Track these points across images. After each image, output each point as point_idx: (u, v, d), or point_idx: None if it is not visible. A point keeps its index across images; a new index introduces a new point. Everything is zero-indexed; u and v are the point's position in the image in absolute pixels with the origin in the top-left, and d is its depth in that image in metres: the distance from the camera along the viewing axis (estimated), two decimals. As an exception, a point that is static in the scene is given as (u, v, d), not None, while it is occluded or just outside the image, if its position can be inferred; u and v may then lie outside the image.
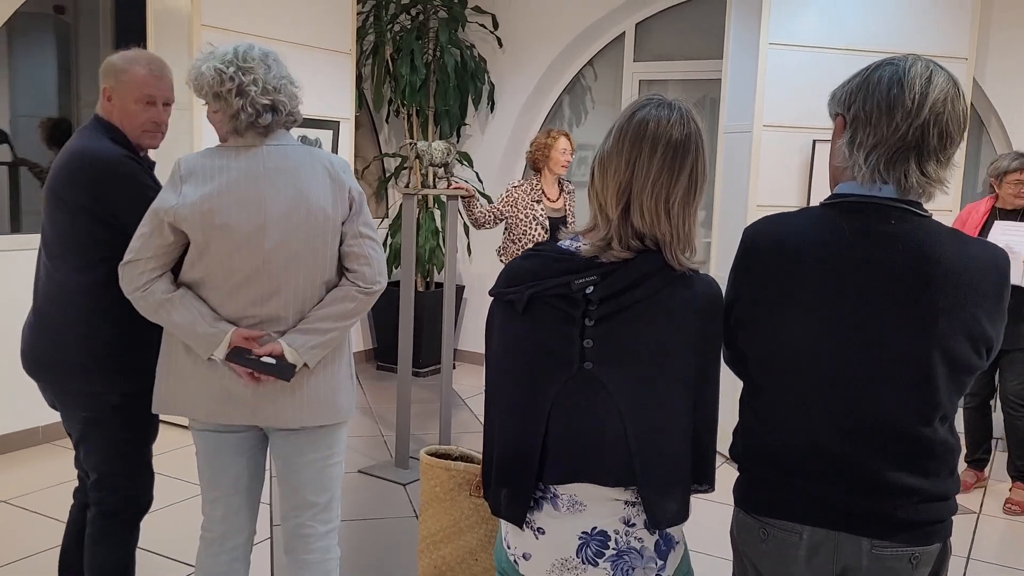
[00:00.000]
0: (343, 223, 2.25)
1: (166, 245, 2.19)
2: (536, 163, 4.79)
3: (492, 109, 6.51)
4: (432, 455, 1.99)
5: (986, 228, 4.35)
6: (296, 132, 5.23)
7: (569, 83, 6.58)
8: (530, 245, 4.66)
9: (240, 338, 2.19)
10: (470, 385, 6.10)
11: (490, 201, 5.68)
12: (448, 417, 4.70)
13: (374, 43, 6.27)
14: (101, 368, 2.38)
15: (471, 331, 6.75)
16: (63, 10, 5.62)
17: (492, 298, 1.72)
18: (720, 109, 4.99)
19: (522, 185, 4.78)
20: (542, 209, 4.71)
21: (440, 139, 6.22)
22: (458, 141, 6.58)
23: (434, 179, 4.56)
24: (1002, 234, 4.25)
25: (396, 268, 6.57)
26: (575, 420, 1.58)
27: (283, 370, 2.19)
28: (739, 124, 4.74)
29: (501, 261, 4.85)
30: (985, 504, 4.30)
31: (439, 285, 6.61)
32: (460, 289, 6.54)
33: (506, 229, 4.79)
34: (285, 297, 2.23)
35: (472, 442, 4.94)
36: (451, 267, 4.66)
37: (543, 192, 4.77)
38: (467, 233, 6.41)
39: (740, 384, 1.73)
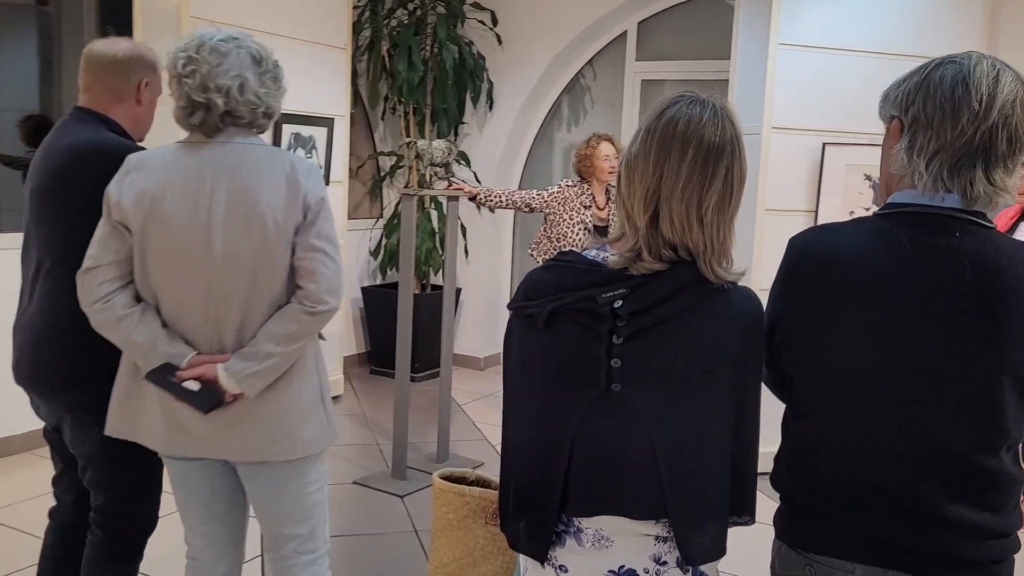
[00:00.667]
0: (296, 233, 1.99)
1: (126, 248, 2.01)
2: (582, 174, 4.69)
3: (491, 108, 6.36)
4: (445, 479, 1.85)
5: (1013, 230, 4.24)
6: (290, 129, 5.16)
7: (570, 82, 6.45)
8: (567, 248, 4.61)
9: (199, 361, 2.00)
10: (467, 391, 5.96)
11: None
12: (446, 424, 4.56)
13: (370, 38, 6.12)
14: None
15: (468, 335, 6.62)
16: (46, 1, 5.45)
17: (510, 312, 1.59)
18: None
19: (574, 186, 4.68)
20: (591, 216, 4.61)
21: (438, 138, 6.08)
22: (455, 140, 6.44)
23: (431, 179, 4.40)
24: None
25: (391, 270, 6.44)
26: (601, 446, 1.45)
27: (203, 399, 1.97)
28: (747, 126, 4.57)
29: (531, 256, 4.74)
30: None
31: (436, 287, 6.47)
32: (457, 292, 6.39)
33: (545, 225, 4.69)
34: (230, 313, 2.01)
35: (471, 450, 4.80)
36: (451, 269, 4.52)
37: (593, 198, 4.67)
38: (464, 235, 6.27)
39: (781, 406, 1.60)
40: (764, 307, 1.52)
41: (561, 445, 1.47)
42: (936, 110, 1.38)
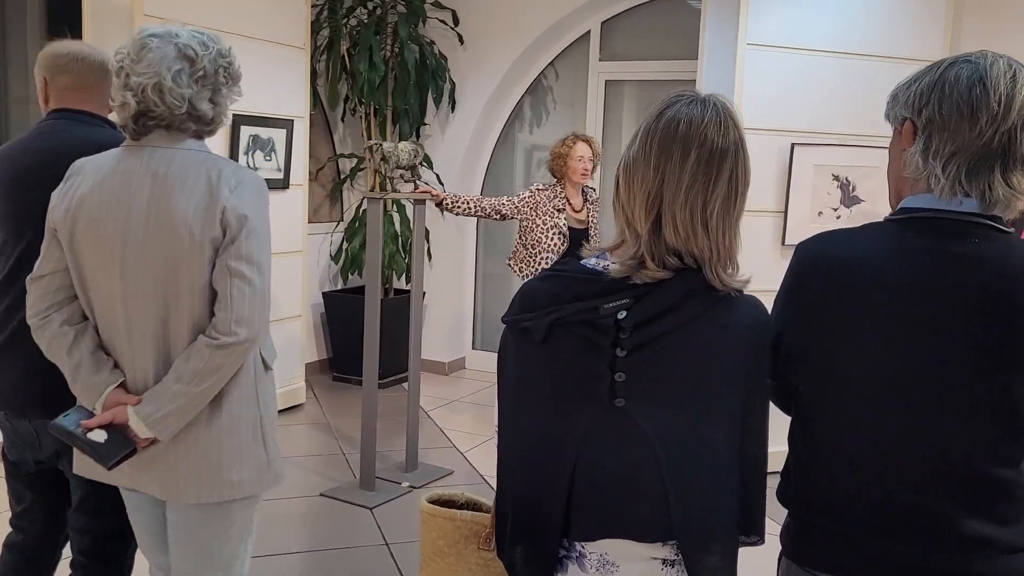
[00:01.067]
0: (217, 251, 1.81)
1: (64, 259, 1.87)
2: (555, 173, 4.58)
3: (453, 109, 6.26)
4: (434, 502, 1.76)
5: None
6: (248, 131, 5.02)
7: (532, 82, 6.37)
8: (544, 255, 4.51)
9: (114, 400, 1.84)
10: (432, 396, 5.86)
11: None
12: (415, 432, 4.46)
13: (329, 38, 5.99)
14: None
15: (432, 339, 6.50)
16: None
17: (505, 324, 1.51)
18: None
19: (546, 190, 4.58)
20: (564, 219, 4.51)
21: (400, 139, 5.97)
22: (418, 141, 6.33)
23: (389, 182, 4.22)
24: None
25: (352, 275, 6.31)
26: (605, 466, 1.38)
27: (109, 451, 1.80)
28: (715, 126, 4.57)
29: (510, 268, 4.65)
30: None
31: (399, 292, 6.35)
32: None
33: (519, 233, 4.59)
34: (149, 337, 1.84)
35: (440, 458, 4.70)
36: (418, 274, 4.42)
37: (567, 200, 4.56)
38: (427, 238, 6.16)
39: (787, 419, 1.55)
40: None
41: (563, 465, 1.40)
42: (953, 111, 1.33)
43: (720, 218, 1.36)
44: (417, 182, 4.28)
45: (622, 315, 1.35)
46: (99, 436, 1.80)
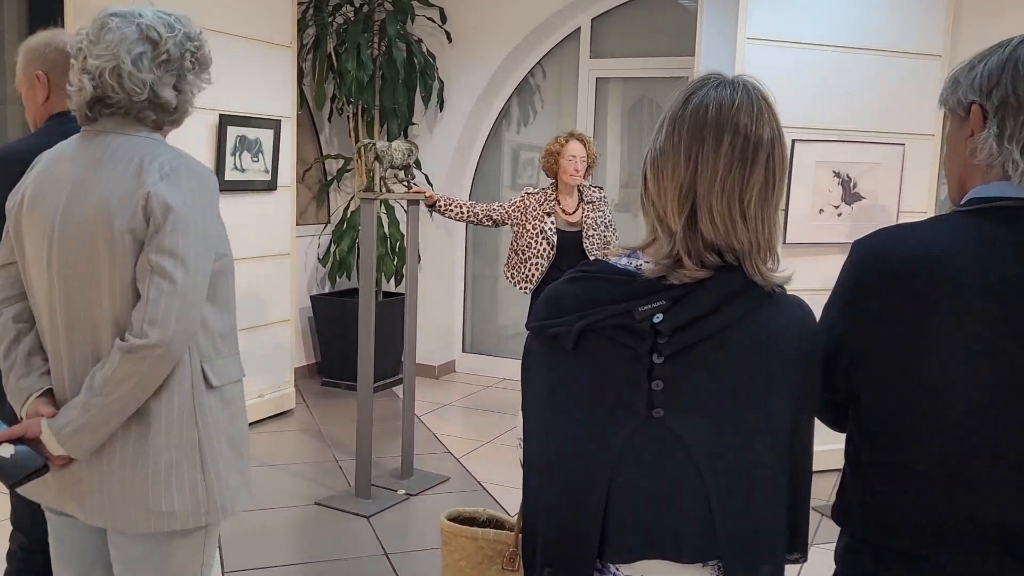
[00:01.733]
0: (143, 244, 1.63)
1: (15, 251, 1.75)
2: (548, 172, 4.46)
3: (441, 108, 6.16)
4: (454, 520, 1.65)
5: None
6: (235, 132, 4.89)
7: (522, 81, 6.28)
8: (534, 261, 4.39)
9: (34, 411, 1.68)
10: (424, 400, 5.74)
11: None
12: (410, 438, 4.35)
13: (315, 36, 5.87)
14: None
15: (422, 342, 6.33)
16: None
17: (530, 331, 1.41)
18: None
19: (536, 193, 4.46)
20: (552, 222, 4.36)
21: (388, 138, 5.86)
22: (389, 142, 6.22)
23: (383, 182, 4.08)
24: None
25: (340, 277, 6.19)
26: (643, 482, 1.28)
27: (13, 470, 1.63)
28: (713, 123, 4.50)
29: (507, 277, 4.48)
30: None
31: (388, 295, 6.24)
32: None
33: (512, 240, 4.47)
34: (76, 338, 1.68)
35: (435, 465, 4.59)
36: (412, 275, 4.31)
37: (557, 203, 4.42)
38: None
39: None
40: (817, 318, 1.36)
41: (597, 482, 1.29)
42: None
43: (759, 207, 1.26)
44: (410, 182, 4.18)
45: (659, 318, 1.26)
46: (6, 451, 1.63)
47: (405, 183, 4.15)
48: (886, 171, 4.52)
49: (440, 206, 4.38)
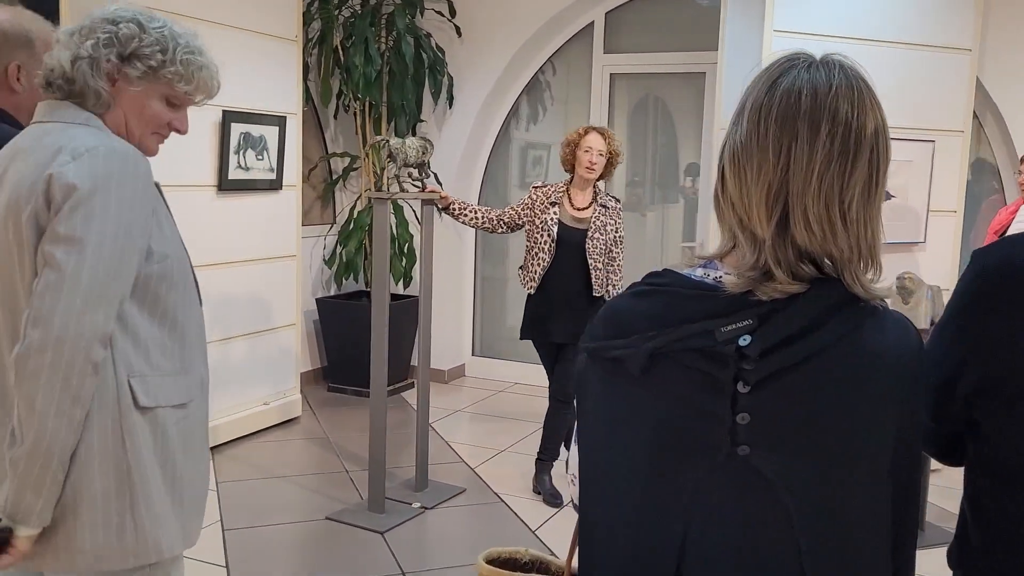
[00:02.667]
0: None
1: None
2: (565, 163, 4.16)
3: (451, 105, 5.98)
4: (493, 562, 1.47)
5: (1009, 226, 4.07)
6: (239, 129, 4.70)
7: (534, 76, 6.10)
8: (539, 257, 4.07)
9: None
10: (433, 407, 5.53)
11: None
12: (425, 447, 4.17)
13: (321, 30, 5.68)
14: None
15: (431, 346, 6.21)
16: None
17: (586, 353, 1.20)
18: (713, 105, 4.60)
19: (545, 186, 4.18)
20: (555, 213, 4.05)
21: (396, 136, 5.67)
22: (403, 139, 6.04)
23: (396, 181, 3.88)
24: (1020, 221, 3.96)
25: (347, 279, 6.01)
26: (724, 533, 1.09)
27: None
28: (739, 119, 4.33)
29: (519, 278, 4.21)
30: None
31: (395, 297, 6.04)
32: (417, 301, 5.99)
33: (525, 239, 4.20)
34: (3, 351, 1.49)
35: (450, 475, 4.41)
36: (427, 276, 4.13)
37: (566, 195, 4.12)
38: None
39: None
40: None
41: (670, 533, 1.10)
42: None
43: (860, 208, 1.07)
44: (425, 181, 4.00)
45: (745, 340, 1.06)
46: None
47: (419, 182, 3.97)
48: (916, 169, 4.36)
49: (455, 209, 4.15)
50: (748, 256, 1.09)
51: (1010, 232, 3.94)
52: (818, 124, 1.05)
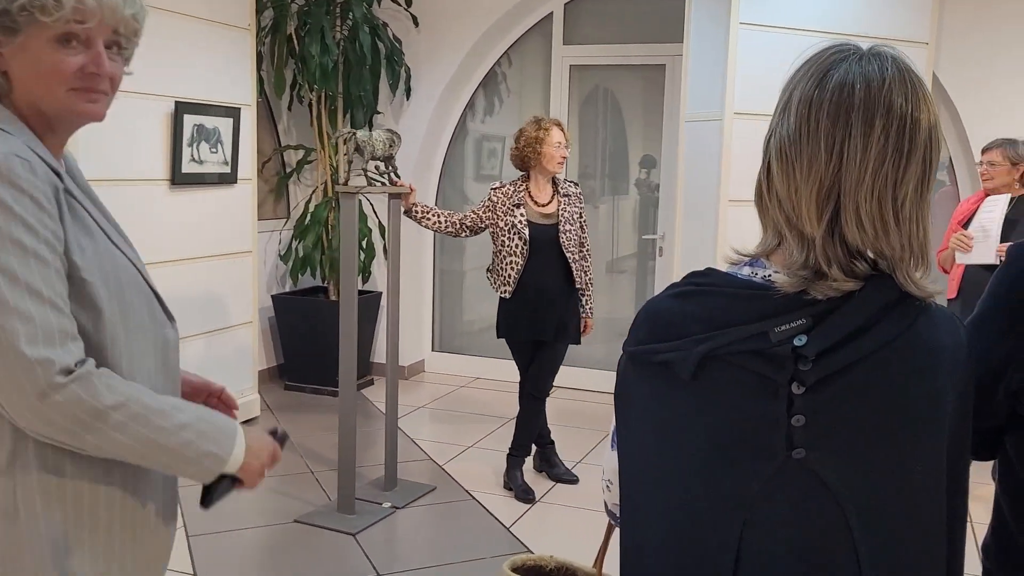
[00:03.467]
0: None
1: None
2: (525, 161, 3.98)
3: (408, 96, 5.88)
4: (518, 571, 1.41)
5: (972, 217, 4.13)
6: (192, 120, 4.55)
7: (492, 67, 6.03)
8: (510, 260, 3.96)
9: None
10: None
11: None
12: (394, 445, 4.09)
13: (274, 19, 5.54)
14: None
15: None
16: None
17: (629, 357, 1.15)
18: (677, 97, 4.59)
19: (503, 187, 4.03)
20: (522, 214, 3.95)
21: (351, 128, 5.56)
22: (371, 131, 5.92)
23: (343, 175, 3.75)
24: (984, 212, 4.03)
25: (303, 275, 5.89)
26: (781, 541, 1.05)
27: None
28: (704, 112, 4.34)
29: (491, 285, 4.09)
30: None
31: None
32: (377, 297, 5.90)
33: (492, 241, 4.08)
34: None
35: (418, 473, 4.35)
36: (394, 272, 4.04)
37: (528, 194, 4.01)
38: (383, 235, 5.77)
39: None
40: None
41: (725, 541, 1.05)
42: None
43: (913, 206, 1.05)
44: (392, 174, 3.91)
45: (801, 341, 1.03)
46: None
47: (387, 176, 3.88)
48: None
49: (417, 212, 4.00)
50: (797, 255, 1.06)
51: (975, 221, 3.99)
52: (872, 118, 1.02)
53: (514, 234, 3.94)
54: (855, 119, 1.03)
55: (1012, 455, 1.21)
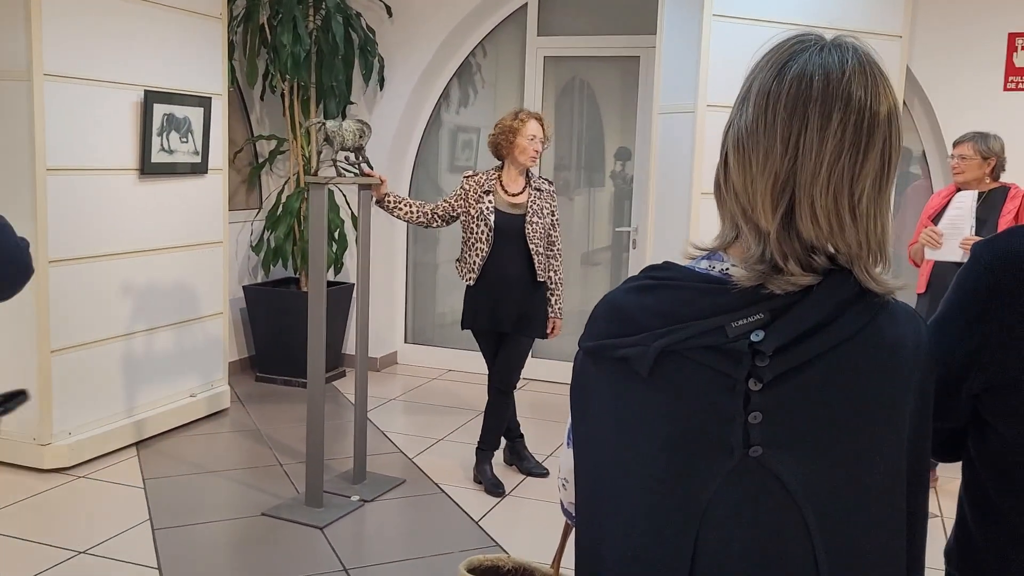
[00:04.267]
0: None
1: None
2: (499, 149, 3.97)
3: (382, 86, 5.84)
4: (474, 571, 1.39)
5: (944, 210, 4.14)
6: (162, 110, 4.49)
7: (466, 58, 6.00)
8: (477, 247, 3.93)
9: None
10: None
11: None
12: (363, 438, 4.06)
13: (246, 7, 5.47)
14: None
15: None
16: None
17: (586, 352, 1.13)
18: (651, 89, 4.58)
19: (476, 175, 4.01)
20: (490, 202, 3.93)
21: (324, 118, 5.51)
22: (342, 121, 5.87)
23: (316, 165, 3.71)
24: (953, 208, 4.04)
25: (275, 266, 5.84)
26: (737, 541, 1.02)
27: None
28: (677, 104, 4.33)
29: (459, 275, 4.06)
30: None
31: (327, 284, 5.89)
32: (349, 288, 5.86)
33: (462, 230, 4.06)
34: None
35: (387, 466, 4.32)
36: (364, 264, 4.01)
37: (499, 182, 3.99)
38: (355, 225, 5.73)
39: None
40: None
41: (679, 542, 1.03)
42: None
43: (871, 202, 1.02)
44: (361, 164, 3.87)
45: (758, 336, 1.01)
46: None
47: (357, 166, 3.84)
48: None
49: (389, 203, 3.97)
50: (753, 248, 1.03)
51: (944, 218, 4.01)
52: (830, 111, 0.99)
53: (480, 221, 3.93)
54: (812, 112, 1.00)
55: (974, 457, 1.19)
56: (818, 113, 1.00)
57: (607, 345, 1.08)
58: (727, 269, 1.06)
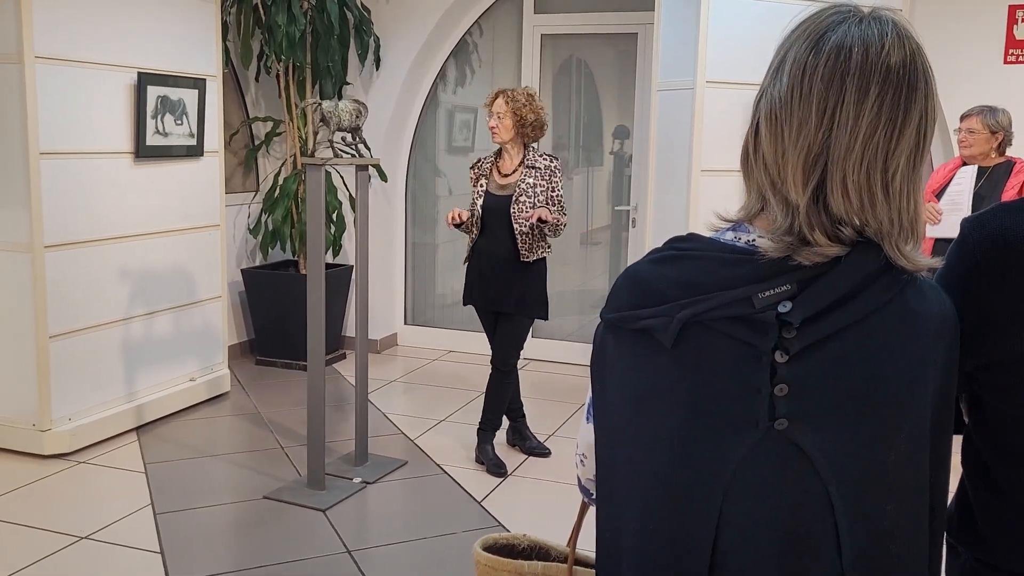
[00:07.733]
0: None
1: None
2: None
3: (378, 66, 5.79)
4: (490, 549, 1.39)
5: (948, 184, 4.12)
6: (156, 92, 4.45)
7: (463, 37, 5.95)
8: (476, 231, 3.96)
9: None
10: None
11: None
12: (364, 420, 4.06)
13: (239, -12, 5.41)
14: None
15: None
16: None
17: (607, 324, 1.11)
18: (651, 65, 4.54)
19: (479, 162, 4.10)
20: (482, 186, 3.99)
21: (320, 98, 5.47)
22: (338, 102, 5.82)
23: (312, 146, 3.71)
24: (954, 184, 4.03)
25: (273, 249, 5.82)
26: (761, 513, 1.01)
27: None
28: (676, 81, 4.28)
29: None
30: None
31: (326, 266, 5.86)
32: (348, 270, 5.84)
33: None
34: None
35: (389, 447, 4.32)
36: (362, 244, 3.99)
37: (496, 165, 4.02)
38: (353, 207, 5.70)
39: None
40: None
41: (703, 516, 1.02)
42: None
43: (904, 179, 1.00)
44: (359, 147, 3.84)
45: (785, 307, 1.00)
46: None
47: (354, 147, 3.81)
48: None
49: (467, 224, 3.99)
50: (781, 220, 1.01)
51: (946, 194, 3.99)
52: (868, 85, 0.97)
53: (475, 203, 4.00)
54: (849, 84, 0.98)
55: (972, 429, 1.19)
56: (855, 86, 0.98)
57: (628, 316, 1.06)
58: (753, 240, 1.04)
